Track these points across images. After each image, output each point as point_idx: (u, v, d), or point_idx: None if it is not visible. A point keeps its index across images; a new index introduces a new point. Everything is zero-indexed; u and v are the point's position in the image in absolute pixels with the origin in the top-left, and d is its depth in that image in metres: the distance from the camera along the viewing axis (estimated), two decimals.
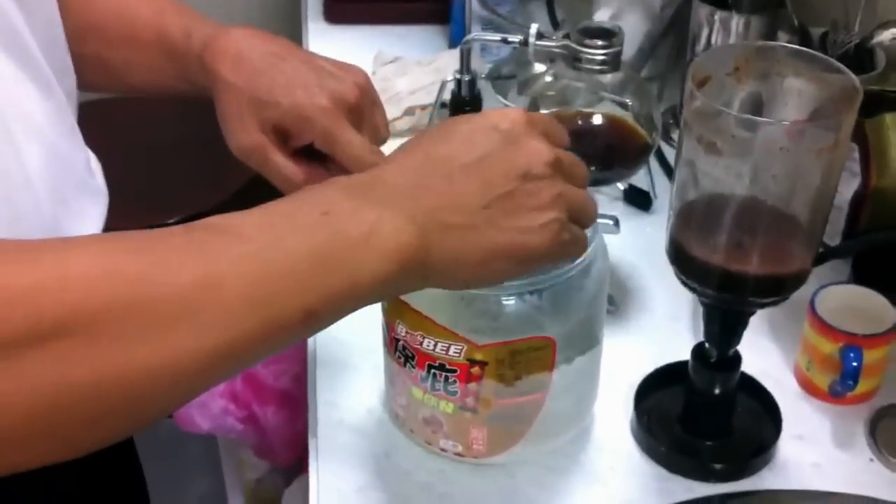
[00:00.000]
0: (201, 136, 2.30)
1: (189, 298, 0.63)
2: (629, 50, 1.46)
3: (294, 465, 1.82)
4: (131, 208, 1.05)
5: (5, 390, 0.58)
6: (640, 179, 1.33)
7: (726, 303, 0.92)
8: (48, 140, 0.86)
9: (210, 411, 1.77)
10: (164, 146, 2.28)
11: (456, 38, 1.59)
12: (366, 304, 0.71)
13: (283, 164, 0.94)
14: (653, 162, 1.35)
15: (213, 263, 0.65)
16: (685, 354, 1.00)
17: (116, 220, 0.96)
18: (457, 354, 0.91)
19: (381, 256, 0.70)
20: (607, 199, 1.34)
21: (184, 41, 1.00)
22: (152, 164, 2.22)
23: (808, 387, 1.08)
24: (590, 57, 1.05)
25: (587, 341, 0.96)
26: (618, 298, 1.19)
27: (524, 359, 0.91)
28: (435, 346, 0.91)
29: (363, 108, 0.96)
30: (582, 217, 0.80)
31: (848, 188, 1.20)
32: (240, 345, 0.65)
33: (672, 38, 1.49)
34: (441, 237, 0.72)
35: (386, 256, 0.70)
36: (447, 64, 1.50)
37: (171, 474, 2.18)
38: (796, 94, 0.87)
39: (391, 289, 0.73)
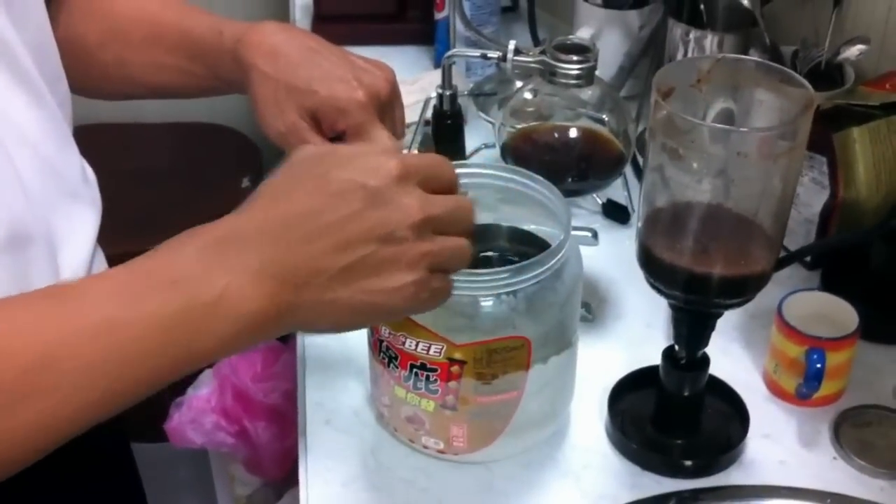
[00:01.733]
0: (189, 162, 2.34)
1: (32, 375, 0.66)
2: (609, 70, 1.49)
3: (284, 480, 1.85)
4: (118, 232, 1.07)
5: None
6: (618, 194, 1.36)
7: (693, 304, 0.95)
8: (39, 148, 0.88)
9: (202, 426, 1.79)
10: (152, 171, 2.31)
11: (440, 59, 1.61)
12: (215, 361, 0.74)
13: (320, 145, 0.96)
14: (630, 178, 1.38)
15: (55, 338, 0.67)
16: (658, 360, 1.03)
17: (103, 244, 0.99)
18: (437, 354, 0.94)
19: (229, 322, 0.70)
20: (587, 213, 1.37)
21: (214, 38, 1.02)
22: (140, 189, 2.23)
23: (776, 389, 1.11)
24: (565, 71, 1.09)
25: (561, 342, 0.99)
26: (595, 306, 1.22)
27: (501, 358, 0.94)
28: (416, 346, 0.95)
29: (390, 103, 1.00)
30: (452, 266, 0.79)
31: (817, 200, 1.23)
32: (85, 412, 0.68)
33: (650, 58, 1.52)
34: (295, 296, 0.72)
35: (234, 321, 0.71)
36: (432, 83, 1.52)
37: (162, 495, 2.19)
38: (758, 105, 0.91)
39: (240, 347, 0.73)
